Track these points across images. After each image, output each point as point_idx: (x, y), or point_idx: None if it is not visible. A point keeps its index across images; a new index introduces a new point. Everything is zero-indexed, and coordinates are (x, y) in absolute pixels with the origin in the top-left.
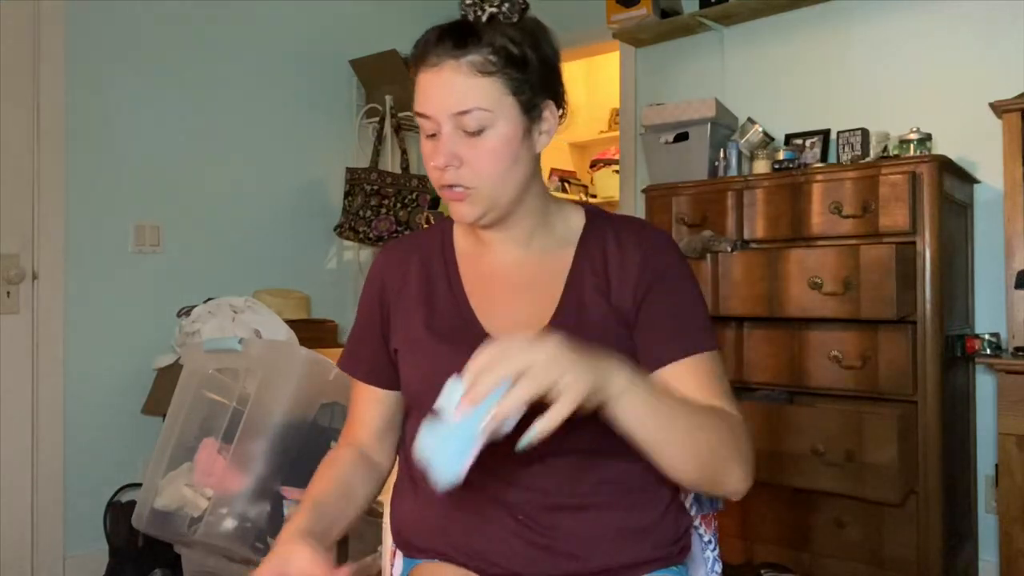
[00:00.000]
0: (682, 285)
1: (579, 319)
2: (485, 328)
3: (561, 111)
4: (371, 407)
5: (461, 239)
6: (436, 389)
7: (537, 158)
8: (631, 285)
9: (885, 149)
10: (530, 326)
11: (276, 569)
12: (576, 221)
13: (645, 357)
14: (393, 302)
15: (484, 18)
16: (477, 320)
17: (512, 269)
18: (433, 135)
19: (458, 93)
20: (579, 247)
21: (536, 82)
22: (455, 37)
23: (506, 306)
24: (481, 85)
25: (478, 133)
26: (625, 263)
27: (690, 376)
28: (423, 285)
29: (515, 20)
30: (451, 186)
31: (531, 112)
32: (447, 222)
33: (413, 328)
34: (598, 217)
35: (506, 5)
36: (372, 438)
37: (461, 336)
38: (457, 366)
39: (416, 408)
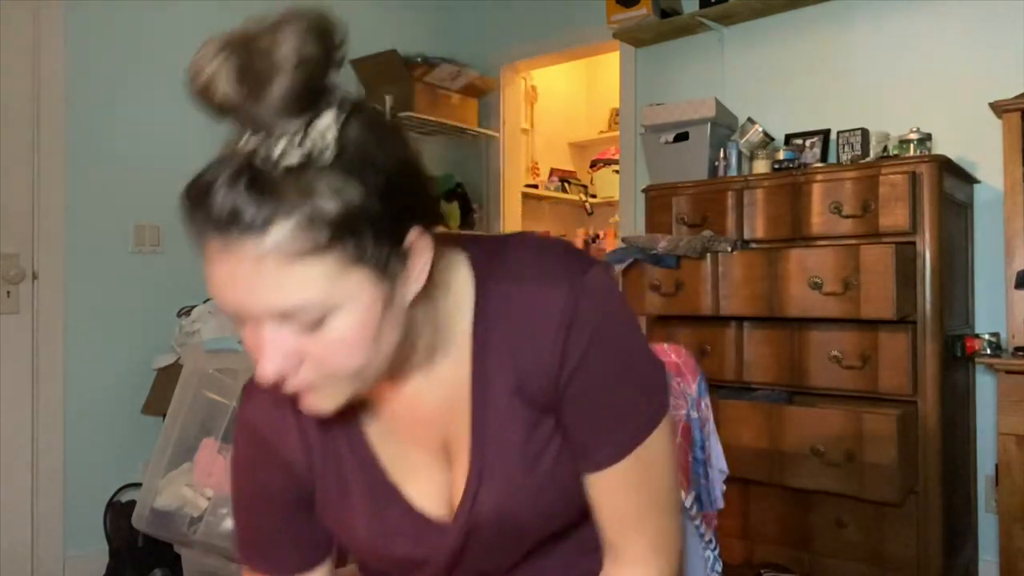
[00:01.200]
0: (611, 356)
1: (498, 448)
2: (406, 496)
3: (435, 223)
4: None
5: None
6: (376, 562)
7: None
8: (549, 375)
9: (885, 149)
10: (452, 487)
11: None
12: (467, 302)
13: (578, 459)
14: (297, 468)
15: (293, 163)
16: (394, 488)
17: (416, 403)
18: (248, 325)
19: (269, 290)
20: (475, 339)
21: (389, 226)
22: (246, 202)
23: (420, 465)
24: (304, 273)
25: (315, 327)
26: (538, 345)
27: (621, 482)
28: (320, 443)
29: (339, 152)
30: (293, 390)
31: (390, 268)
32: None
33: (327, 507)
34: (490, 278)
35: (327, 136)
36: None
37: (385, 516)
38: (389, 557)
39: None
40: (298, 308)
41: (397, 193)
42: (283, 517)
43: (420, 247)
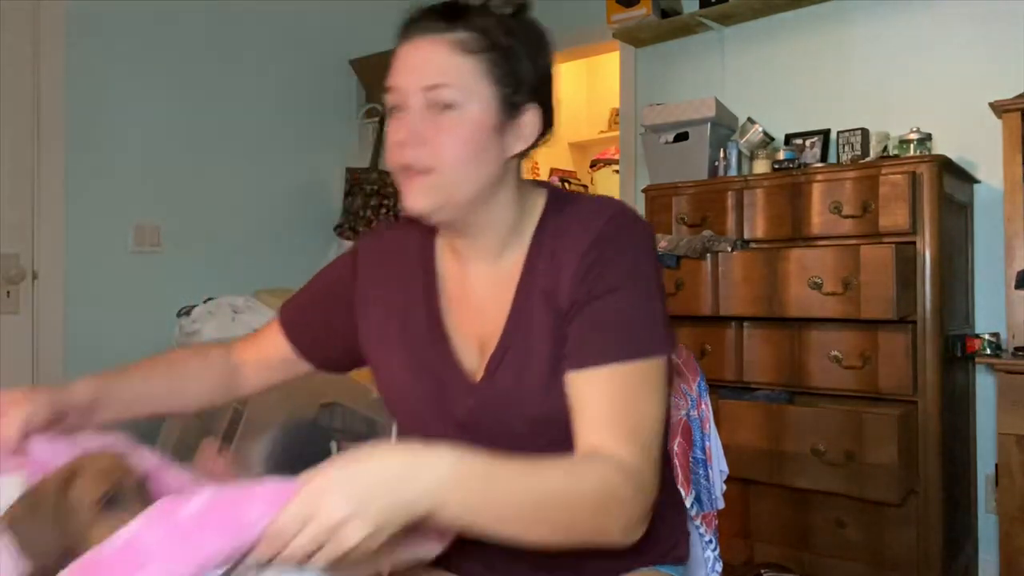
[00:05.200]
0: (626, 280)
1: (524, 336)
2: (453, 347)
3: (547, 126)
4: (272, 345)
5: (444, 250)
6: (406, 407)
7: (514, 166)
8: (570, 279)
9: (885, 149)
10: (485, 347)
11: None
12: (538, 213)
13: (568, 356)
14: (364, 300)
15: (476, 2)
16: (448, 341)
17: (481, 283)
18: (399, 111)
19: (432, 67)
20: (532, 243)
21: (522, 80)
22: (442, 14)
23: (471, 327)
24: (458, 63)
25: (446, 111)
26: (569, 254)
27: (599, 387)
28: (400, 293)
29: (508, 12)
30: (408, 167)
31: (510, 108)
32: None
33: (385, 340)
34: (555, 203)
35: (505, 7)
36: (252, 362)
37: (429, 359)
38: (423, 388)
39: (391, 414)
40: (442, 84)
41: (538, 72)
42: (321, 304)
43: (532, 120)
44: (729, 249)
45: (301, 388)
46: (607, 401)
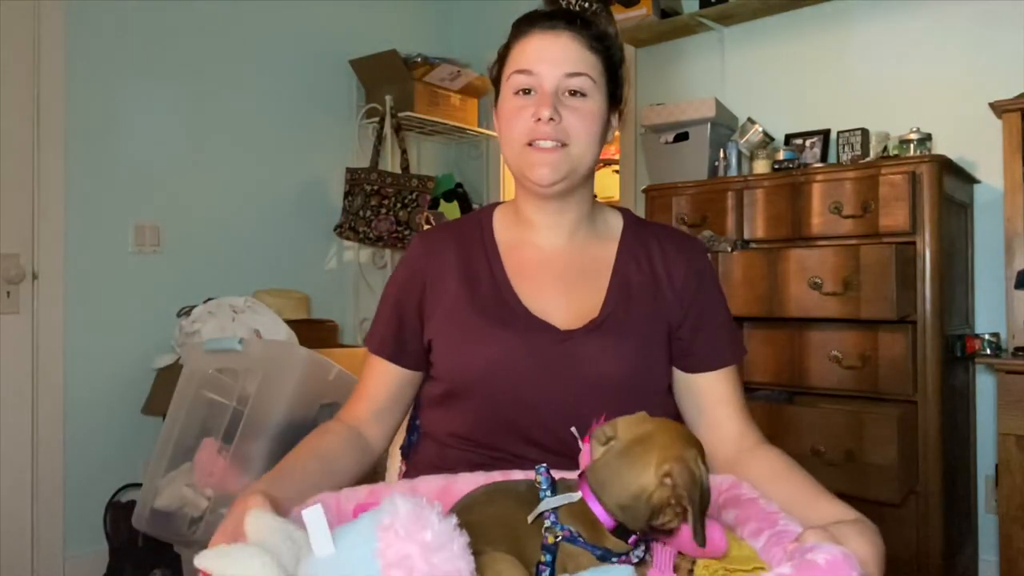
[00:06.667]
0: (720, 292)
1: (628, 311)
2: (531, 311)
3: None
4: (378, 381)
5: (502, 230)
6: (479, 371)
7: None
8: (678, 288)
9: (885, 149)
10: (578, 313)
11: (235, 532)
12: (615, 222)
13: (697, 357)
14: (430, 290)
15: (591, 10)
16: (521, 303)
17: (555, 257)
18: (527, 92)
19: (573, 57)
20: (621, 243)
21: (618, 83)
22: (574, 15)
23: (551, 292)
24: (590, 58)
25: (576, 97)
26: (671, 267)
27: (730, 382)
28: (463, 273)
29: (612, 29)
30: (544, 140)
31: (612, 103)
32: (485, 212)
33: (454, 311)
34: (634, 219)
35: (603, 11)
36: (370, 416)
37: (506, 316)
38: (501, 346)
39: (455, 393)
40: (582, 72)
41: (621, 79)
42: (398, 312)
43: (614, 120)
44: (729, 249)
45: (301, 388)
46: (737, 393)
